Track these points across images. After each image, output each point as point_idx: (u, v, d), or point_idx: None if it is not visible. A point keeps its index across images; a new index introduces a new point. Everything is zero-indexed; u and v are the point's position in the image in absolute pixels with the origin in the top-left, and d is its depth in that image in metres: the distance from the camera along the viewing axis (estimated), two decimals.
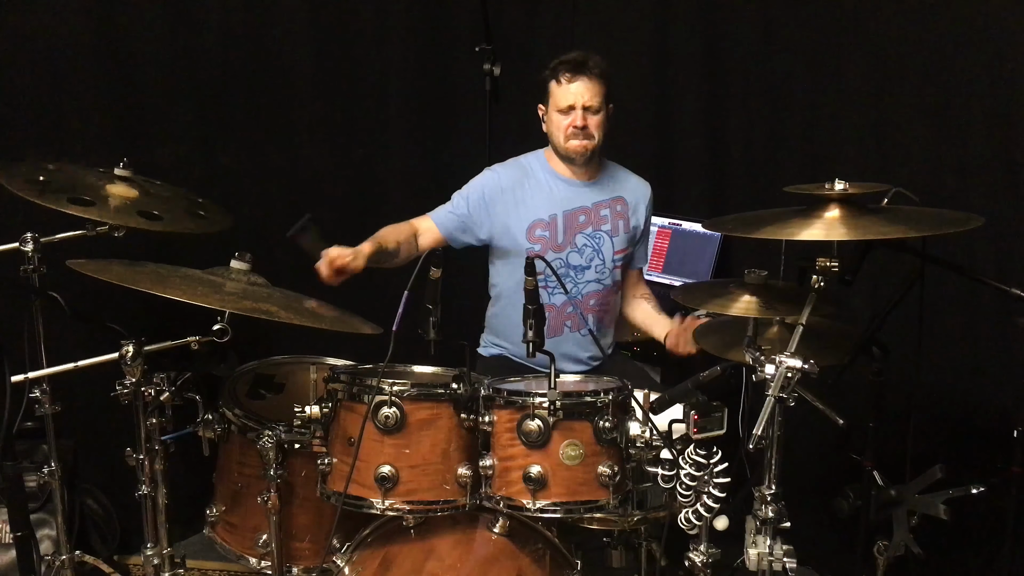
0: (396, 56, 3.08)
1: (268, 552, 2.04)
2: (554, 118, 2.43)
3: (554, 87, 2.41)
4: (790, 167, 2.86)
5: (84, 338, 2.20)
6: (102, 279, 1.77)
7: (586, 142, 2.41)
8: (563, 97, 2.39)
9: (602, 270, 2.53)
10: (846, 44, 2.69)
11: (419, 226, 2.48)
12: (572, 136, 2.41)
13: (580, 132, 2.40)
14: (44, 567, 2.25)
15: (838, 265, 1.82)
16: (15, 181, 1.94)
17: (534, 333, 1.80)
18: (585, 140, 2.41)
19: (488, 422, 1.82)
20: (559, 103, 2.40)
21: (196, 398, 2.08)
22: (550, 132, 2.47)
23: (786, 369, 1.68)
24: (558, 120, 2.42)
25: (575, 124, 2.39)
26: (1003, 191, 2.41)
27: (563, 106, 2.39)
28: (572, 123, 2.40)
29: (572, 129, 2.40)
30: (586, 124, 2.39)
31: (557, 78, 2.40)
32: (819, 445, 2.59)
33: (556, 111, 2.42)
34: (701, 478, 1.75)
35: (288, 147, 3.03)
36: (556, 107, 2.41)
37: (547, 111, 2.46)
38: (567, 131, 2.41)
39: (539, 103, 2.49)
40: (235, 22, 2.90)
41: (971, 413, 2.49)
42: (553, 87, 2.41)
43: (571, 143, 2.42)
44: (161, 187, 2.18)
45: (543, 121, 2.49)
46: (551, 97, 2.43)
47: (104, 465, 2.75)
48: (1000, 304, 2.36)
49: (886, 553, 2.12)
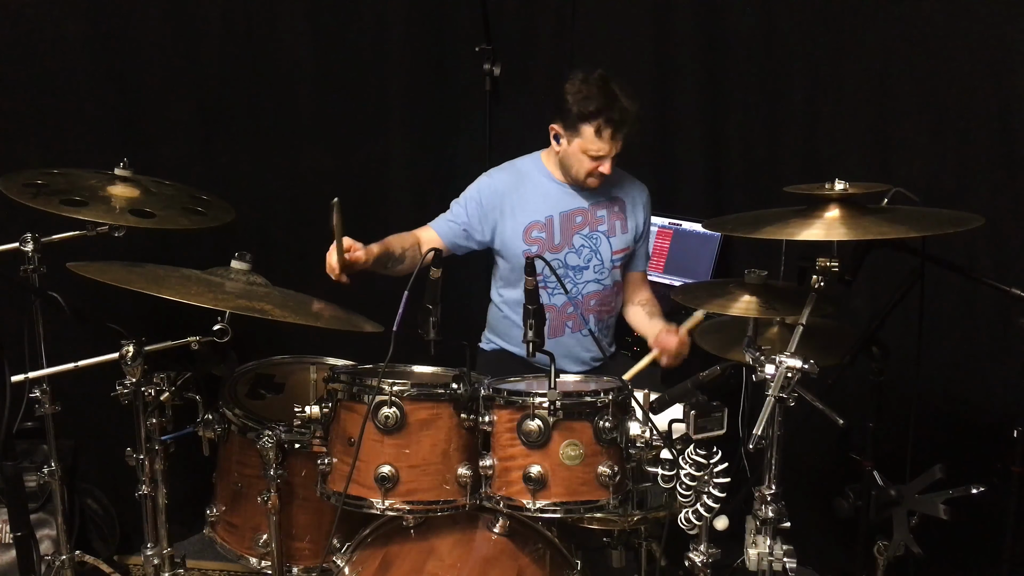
0: (396, 56, 3.08)
1: (268, 552, 2.04)
2: (577, 155, 2.39)
3: (587, 131, 2.34)
4: (790, 167, 2.86)
5: (84, 338, 2.20)
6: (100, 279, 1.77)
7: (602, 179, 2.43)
8: (596, 147, 2.35)
9: (601, 270, 2.53)
10: (846, 44, 2.69)
11: (422, 236, 2.48)
12: (593, 176, 2.41)
13: (601, 176, 2.41)
14: (44, 567, 2.25)
15: (838, 265, 1.82)
16: (12, 185, 1.94)
17: (534, 333, 1.80)
18: (602, 179, 2.43)
19: (488, 422, 1.82)
20: (590, 149, 2.36)
21: (196, 398, 2.08)
22: (568, 162, 2.43)
23: (786, 369, 1.68)
24: (581, 159, 2.39)
25: (602, 171, 2.39)
26: (1003, 191, 2.41)
27: (594, 154, 2.36)
28: (597, 168, 2.38)
29: (598, 173, 2.40)
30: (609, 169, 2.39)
31: (595, 125, 2.32)
32: (819, 445, 2.59)
33: (582, 152, 2.37)
34: (701, 478, 1.75)
35: (288, 147, 3.03)
36: (584, 150, 2.36)
37: (567, 139, 2.39)
38: (590, 172, 2.40)
39: (554, 122, 2.41)
40: (235, 22, 2.90)
41: (971, 413, 2.49)
42: (586, 130, 2.34)
43: (589, 180, 2.42)
44: (163, 186, 2.18)
45: (556, 141, 2.44)
46: (580, 137, 2.36)
47: (104, 465, 2.75)
48: (1000, 304, 2.36)
49: (886, 553, 2.12)
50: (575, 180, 2.46)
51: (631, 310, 2.65)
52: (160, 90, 2.83)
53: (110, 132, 2.78)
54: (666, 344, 2.37)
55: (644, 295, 2.66)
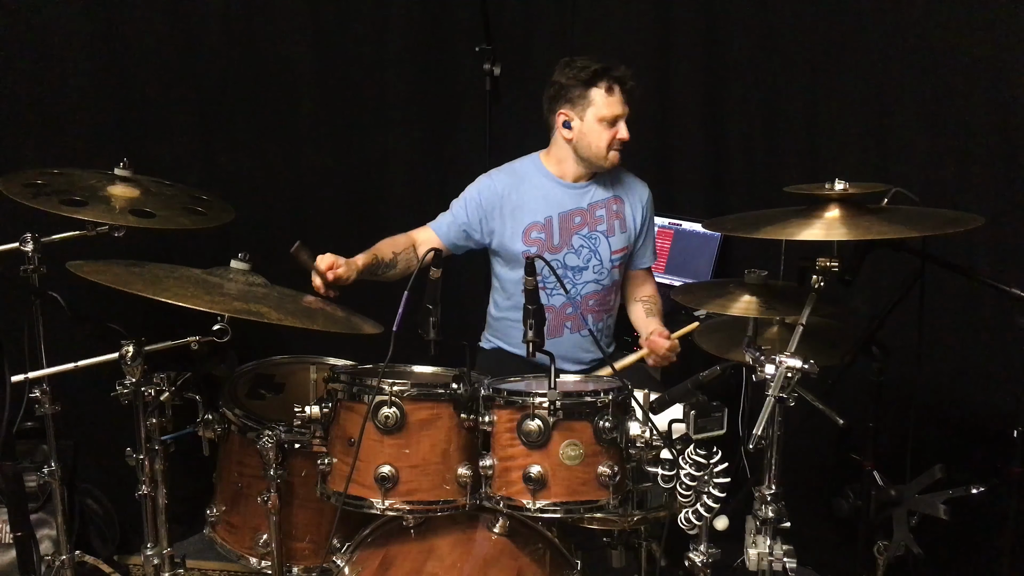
0: (396, 56, 3.08)
1: (268, 552, 2.04)
2: (595, 128, 2.36)
3: (597, 95, 2.33)
4: (790, 167, 2.86)
5: (84, 338, 2.20)
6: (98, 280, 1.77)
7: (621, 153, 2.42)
8: (610, 107, 2.33)
9: (600, 270, 2.53)
10: (846, 45, 2.69)
11: (419, 237, 2.47)
12: (615, 147, 2.39)
13: (621, 144, 2.39)
14: (44, 567, 2.25)
15: (838, 265, 1.82)
16: (12, 185, 1.94)
17: (534, 333, 1.80)
18: (621, 152, 2.41)
19: (488, 422, 1.82)
20: (604, 113, 2.33)
21: (196, 398, 2.08)
22: (586, 142, 2.39)
23: (786, 369, 1.68)
24: (599, 131, 2.36)
25: (621, 137, 2.36)
26: (1003, 191, 2.41)
27: (608, 117, 2.34)
28: (617, 135, 2.36)
29: (618, 141, 2.37)
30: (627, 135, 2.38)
31: (600, 86, 2.32)
32: (819, 445, 2.59)
33: (598, 120, 2.35)
34: (701, 478, 1.75)
35: (288, 147, 3.03)
36: (599, 116, 2.34)
37: (579, 116, 2.37)
38: (611, 142, 2.37)
39: (560, 108, 2.40)
40: (235, 22, 2.90)
41: (971, 413, 2.49)
42: (596, 95, 2.33)
43: (612, 154, 2.40)
44: (163, 186, 2.18)
45: (565, 127, 2.41)
46: (592, 105, 2.34)
47: (104, 465, 2.75)
48: (1000, 304, 2.36)
49: (886, 553, 2.12)
50: (597, 160, 2.41)
51: (633, 306, 2.65)
52: (160, 90, 2.84)
53: (110, 132, 2.78)
54: (655, 345, 2.36)
55: (647, 291, 2.65)
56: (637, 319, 2.62)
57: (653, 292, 2.66)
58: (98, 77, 2.75)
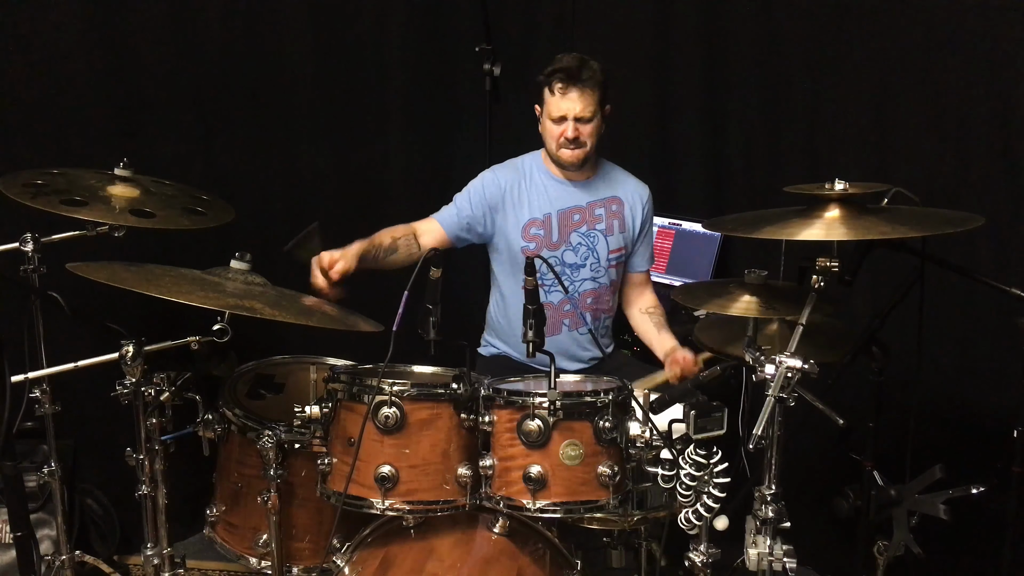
0: (396, 56, 3.08)
1: (268, 552, 2.04)
2: (547, 125, 2.44)
3: (547, 96, 2.41)
4: (790, 167, 2.86)
5: (84, 338, 2.20)
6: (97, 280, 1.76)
7: (577, 151, 2.42)
8: (555, 108, 2.39)
9: (597, 268, 2.53)
10: (846, 44, 2.69)
11: (421, 227, 2.48)
12: (563, 146, 2.42)
13: (571, 143, 2.41)
14: (44, 567, 2.25)
15: (838, 265, 1.82)
16: (12, 185, 1.94)
17: (534, 333, 1.80)
18: (576, 149, 2.42)
19: (488, 422, 1.82)
20: (551, 113, 2.40)
21: (196, 398, 2.08)
22: (544, 136, 2.49)
23: (786, 369, 1.68)
24: (551, 128, 2.43)
25: (566, 135, 2.40)
26: (1003, 191, 2.41)
27: (555, 116, 2.40)
28: (563, 134, 2.40)
29: (563, 139, 2.41)
30: (577, 135, 2.39)
31: (551, 87, 2.39)
32: (819, 445, 2.59)
33: (549, 119, 2.42)
34: (701, 478, 1.75)
35: (288, 147, 3.03)
36: (549, 116, 2.42)
37: (543, 116, 2.46)
38: (559, 140, 2.42)
39: (536, 103, 2.49)
40: (235, 22, 2.90)
41: (971, 413, 2.49)
42: (547, 95, 2.41)
43: (562, 152, 2.43)
44: (163, 186, 2.18)
45: (540, 121, 2.50)
46: (545, 104, 2.43)
47: (104, 465, 2.75)
48: (1000, 304, 2.36)
49: (886, 553, 2.12)
50: (555, 159, 2.47)
51: (637, 317, 2.63)
52: (160, 90, 2.83)
53: (110, 132, 2.78)
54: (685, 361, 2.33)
55: (649, 301, 2.64)
56: (646, 332, 2.59)
57: (655, 301, 2.65)
58: (98, 77, 2.75)
